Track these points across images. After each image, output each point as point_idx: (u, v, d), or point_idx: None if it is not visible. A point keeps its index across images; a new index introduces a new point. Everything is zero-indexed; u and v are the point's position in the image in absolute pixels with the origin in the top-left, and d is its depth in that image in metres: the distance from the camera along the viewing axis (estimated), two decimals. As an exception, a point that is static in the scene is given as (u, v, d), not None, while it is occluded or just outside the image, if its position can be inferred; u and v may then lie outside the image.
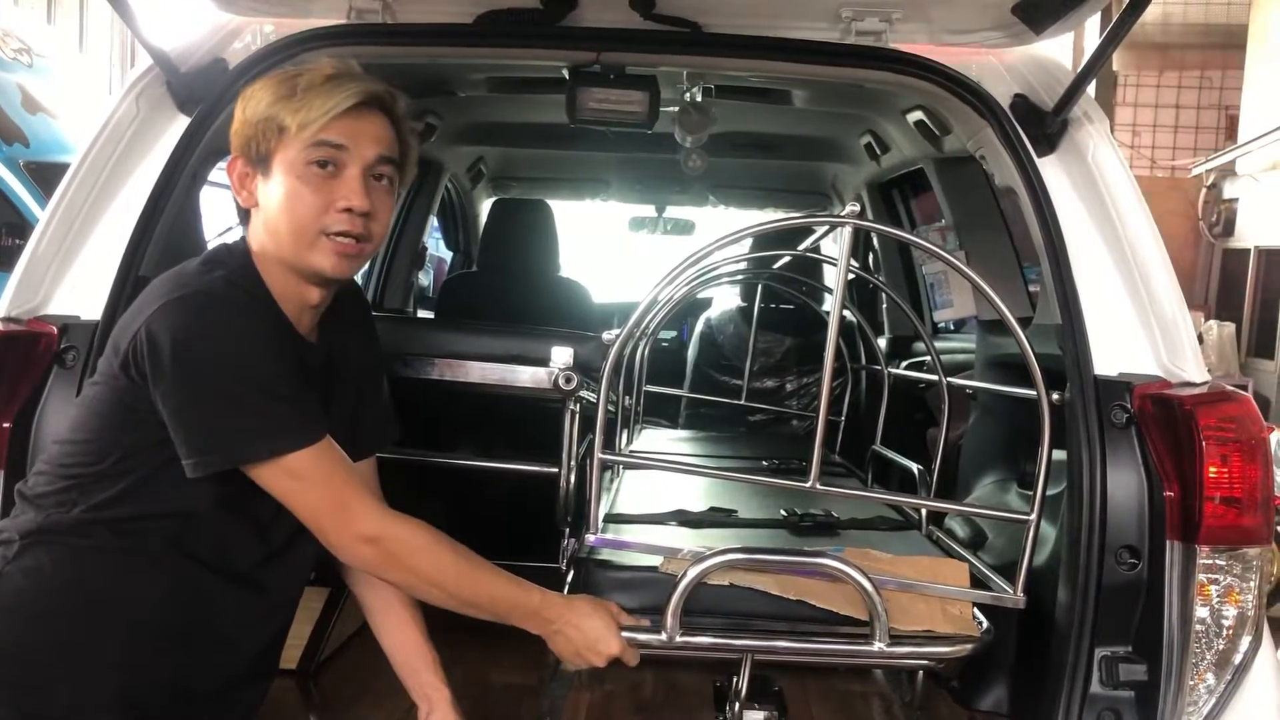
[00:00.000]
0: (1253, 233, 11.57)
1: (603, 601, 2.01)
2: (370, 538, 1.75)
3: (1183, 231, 12.06)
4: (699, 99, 3.10)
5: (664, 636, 2.07)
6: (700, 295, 4.78)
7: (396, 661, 2.14)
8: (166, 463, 1.69)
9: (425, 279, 5.73)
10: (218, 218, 2.80)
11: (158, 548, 1.73)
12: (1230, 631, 1.96)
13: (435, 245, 6.04)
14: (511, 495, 3.36)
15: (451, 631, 2.93)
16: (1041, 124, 2.24)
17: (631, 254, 8.13)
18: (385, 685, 2.59)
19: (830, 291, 4.49)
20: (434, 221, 5.42)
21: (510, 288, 4.34)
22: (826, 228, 3.78)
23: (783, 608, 2.17)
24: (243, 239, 1.83)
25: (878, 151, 3.85)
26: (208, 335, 1.64)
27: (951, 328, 4.43)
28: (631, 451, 3.36)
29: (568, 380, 2.41)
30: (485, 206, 5.32)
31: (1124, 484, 2.01)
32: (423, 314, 5.08)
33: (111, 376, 1.71)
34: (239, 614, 1.83)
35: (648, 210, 5.71)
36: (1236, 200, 11.97)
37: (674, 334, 5.76)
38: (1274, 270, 11.01)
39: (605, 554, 2.28)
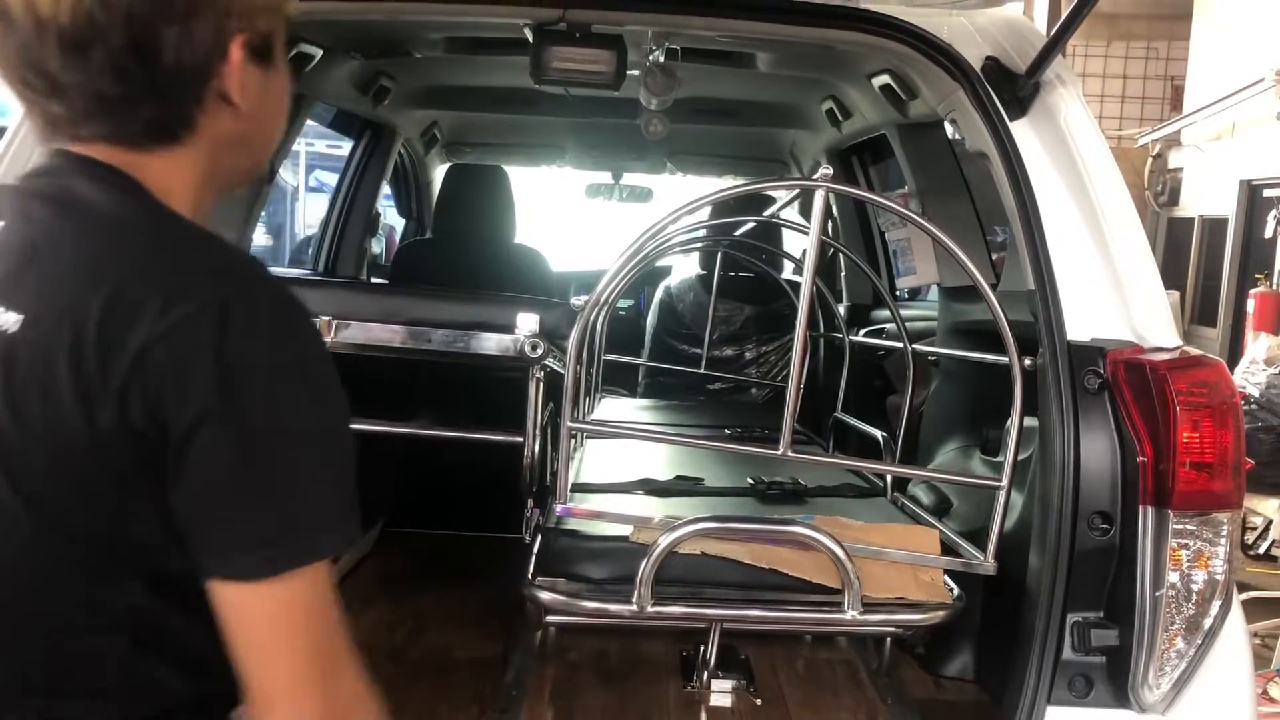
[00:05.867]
0: (1197, 202, 11.72)
1: None
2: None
3: (1129, 201, 12.17)
4: (662, 61, 3.04)
5: (635, 606, 2.05)
6: (659, 263, 4.74)
7: None
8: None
9: (377, 246, 5.63)
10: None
11: None
12: (1200, 596, 1.97)
13: (385, 213, 5.93)
14: (472, 466, 3.31)
15: (413, 603, 2.91)
16: (1013, 87, 2.21)
17: (585, 222, 8.08)
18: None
19: (791, 259, 4.49)
20: (384, 188, 5.32)
21: (466, 254, 4.27)
22: (790, 194, 3.76)
23: (754, 576, 2.16)
24: (123, 176, 1.13)
25: (839, 117, 3.81)
26: (319, 361, 1.09)
27: (906, 295, 4.44)
28: (595, 420, 3.32)
29: (534, 347, 2.37)
30: (439, 172, 5.23)
31: (1097, 450, 2.00)
32: (376, 282, 4.99)
33: (83, 417, 1.02)
34: None
35: (604, 177, 5.64)
36: (1181, 170, 12.11)
37: (630, 302, 5.73)
38: (1217, 239, 11.17)
39: (573, 523, 2.25)
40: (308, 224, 15.97)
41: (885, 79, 2.96)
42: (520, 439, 2.56)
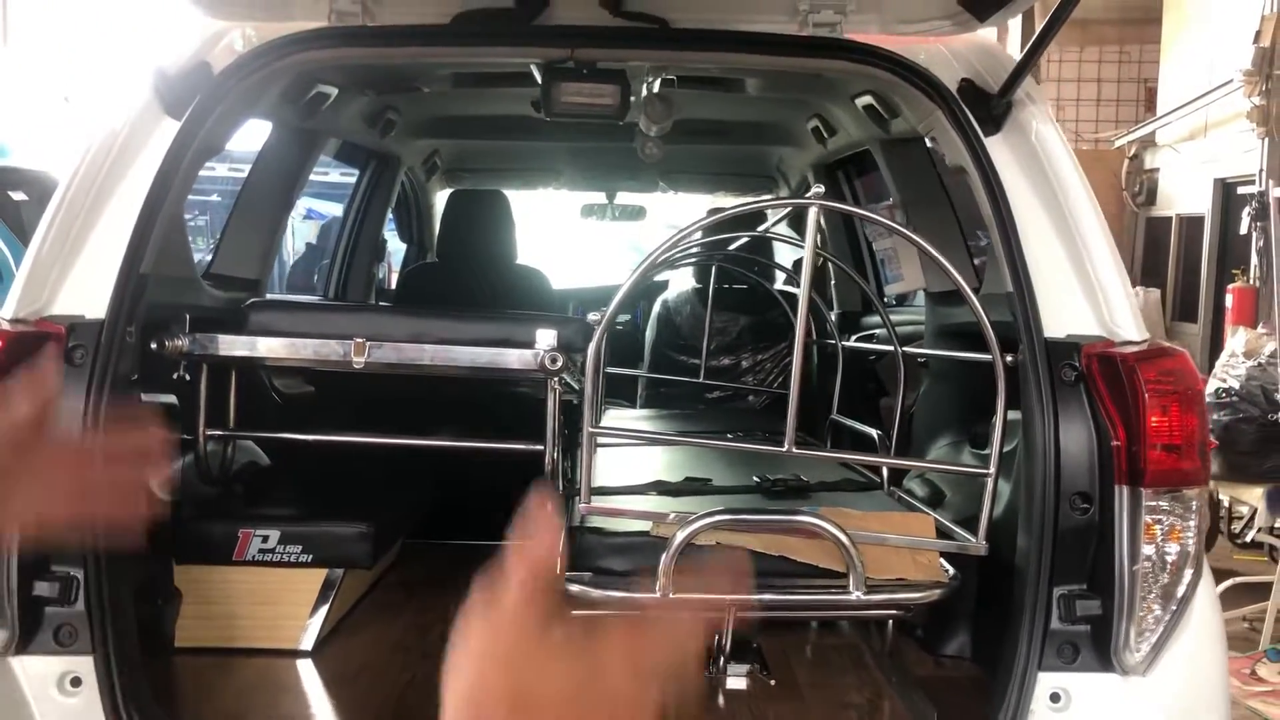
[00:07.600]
0: (1174, 201, 11.98)
1: None
2: None
3: (1107, 202, 12.42)
4: (656, 88, 3.23)
5: (659, 594, 2.23)
6: (656, 278, 4.93)
7: None
8: None
9: (380, 271, 5.80)
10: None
11: None
12: (1174, 567, 2.15)
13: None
14: (484, 477, 3.47)
15: (441, 607, 3.06)
16: (987, 106, 2.40)
17: (573, 239, 8.25)
18: (384, 661, 2.71)
19: (783, 269, 4.68)
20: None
21: (471, 276, 4.46)
22: (782, 209, 3.96)
23: (765, 564, 2.34)
24: None
25: (824, 135, 4.00)
26: None
27: (894, 301, 4.63)
28: (608, 427, 3.49)
29: (554, 360, 2.54)
30: (439, 198, 5.41)
31: (1075, 436, 2.19)
32: (382, 305, 5.16)
33: None
34: None
35: (598, 197, 5.83)
36: (1158, 170, 12.38)
37: (627, 317, 5.90)
38: (1195, 237, 11.42)
39: (595, 522, 2.43)
40: (296, 249, 16.13)
41: (868, 99, 3.15)
42: (539, 448, 2.73)
